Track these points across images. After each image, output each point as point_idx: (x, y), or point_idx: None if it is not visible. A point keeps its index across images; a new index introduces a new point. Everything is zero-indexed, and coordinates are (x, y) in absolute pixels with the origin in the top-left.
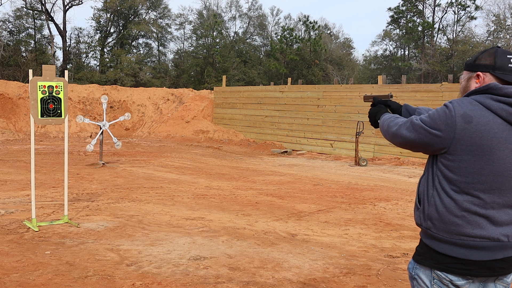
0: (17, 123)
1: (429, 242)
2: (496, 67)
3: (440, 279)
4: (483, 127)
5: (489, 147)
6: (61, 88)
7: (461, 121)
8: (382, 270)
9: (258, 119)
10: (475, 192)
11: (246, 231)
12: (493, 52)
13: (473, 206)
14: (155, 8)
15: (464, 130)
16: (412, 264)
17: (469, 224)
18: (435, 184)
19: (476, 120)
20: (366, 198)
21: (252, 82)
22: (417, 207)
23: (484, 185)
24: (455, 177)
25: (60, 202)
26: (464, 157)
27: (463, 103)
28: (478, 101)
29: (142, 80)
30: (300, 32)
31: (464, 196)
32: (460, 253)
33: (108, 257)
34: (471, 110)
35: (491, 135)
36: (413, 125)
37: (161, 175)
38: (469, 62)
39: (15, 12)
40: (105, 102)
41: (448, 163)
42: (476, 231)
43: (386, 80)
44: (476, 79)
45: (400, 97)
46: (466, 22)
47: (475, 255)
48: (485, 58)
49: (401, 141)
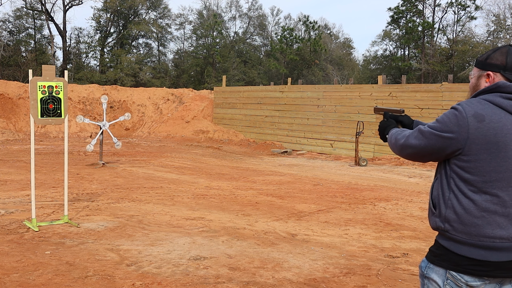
0: (17, 123)
1: (446, 244)
2: (507, 68)
3: (454, 280)
4: (496, 124)
5: (504, 144)
6: (61, 88)
7: (473, 120)
8: (382, 270)
9: (258, 119)
10: (493, 190)
11: (246, 231)
12: (506, 51)
13: (492, 205)
14: (155, 8)
15: (477, 129)
16: (426, 263)
17: (489, 224)
18: (451, 187)
19: (489, 118)
20: (366, 198)
21: (252, 82)
22: (432, 212)
23: (502, 183)
24: (472, 177)
25: (60, 202)
26: (480, 156)
27: (472, 103)
28: (488, 100)
29: (142, 80)
30: (300, 32)
31: (483, 196)
32: (479, 254)
33: (108, 257)
34: (482, 109)
35: (504, 132)
36: (422, 133)
37: (161, 175)
38: (481, 59)
39: (15, 12)
40: (105, 102)
41: (464, 164)
42: (496, 232)
43: (386, 80)
44: (486, 78)
45: (400, 97)
46: (466, 22)
47: (495, 256)
48: (497, 57)
49: (410, 151)
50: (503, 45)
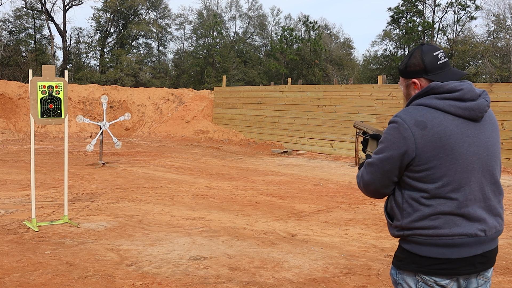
0: (17, 123)
1: (408, 247)
2: (427, 70)
3: (424, 281)
4: (439, 128)
5: (450, 146)
6: (61, 88)
7: (416, 129)
8: (382, 270)
9: (258, 119)
10: (447, 194)
11: (246, 231)
12: (419, 54)
13: (447, 207)
14: (155, 8)
15: (422, 137)
16: (395, 270)
17: (446, 224)
18: (404, 197)
19: (430, 123)
20: (366, 198)
21: (252, 82)
22: (390, 224)
23: (454, 185)
24: (425, 186)
25: (60, 202)
26: (431, 164)
27: (409, 112)
28: (423, 104)
29: (142, 80)
30: (300, 32)
31: (437, 200)
32: (441, 253)
33: (108, 257)
34: (421, 115)
35: (448, 134)
36: (371, 164)
37: (161, 175)
38: (401, 68)
39: (15, 12)
40: (105, 102)
41: (416, 175)
42: (454, 230)
43: (386, 80)
44: (413, 85)
45: (400, 97)
46: (466, 22)
47: (456, 253)
48: (414, 63)
49: (373, 188)
50: (414, 48)
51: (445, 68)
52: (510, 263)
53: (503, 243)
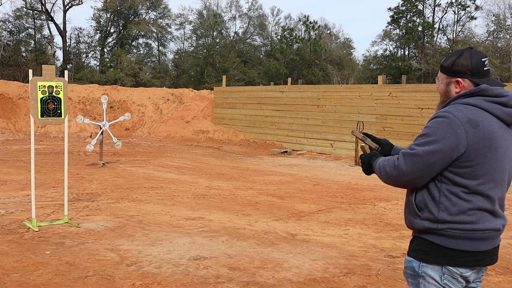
0: (17, 123)
1: (439, 241)
2: (474, 73)
3: (451, 273)
4: (488, 128)
5: (495, 147)
6: (61, 88)
7: (468, 127)
8: (382, 270)
9: (258, 119)
10: (485, 192)
11: (246, 231)
12: (469, 56)
13: (483, 204)
14: (155, 8)
15: (474, 135)
16: (418, 263)
17: (480, 219)
18: (442, 191)
19: (481, 123)
20: (366, 198)
21: (252, 82)
22: (417, 215)
23: (492, 184)
24: (467, 182)
25: (60, 202)
26: (477, 161)
27: (460, 109)
28: (472, 104)
29: (142, 80)
30: (300, 32)
31: (476, 196)
32: (472, 246)
33: (108, 257)
34: (473, 114)
35: (494, 135)
36: (414, 155)
37: (161, 175)
38: (446, 66)
39: (15, 12)
40: (105, 102)
41: (460, 170)
42: (486, 225)
43: (386, 80)
44: (456, 84)
45: (400, 97)
46: (466, 22)
47: (483, 246)
48: (462, 63)
49: (409, 178)
50: (463, 49)
51: (487, 75)
52: (510, 263)
53: (503, 243)
